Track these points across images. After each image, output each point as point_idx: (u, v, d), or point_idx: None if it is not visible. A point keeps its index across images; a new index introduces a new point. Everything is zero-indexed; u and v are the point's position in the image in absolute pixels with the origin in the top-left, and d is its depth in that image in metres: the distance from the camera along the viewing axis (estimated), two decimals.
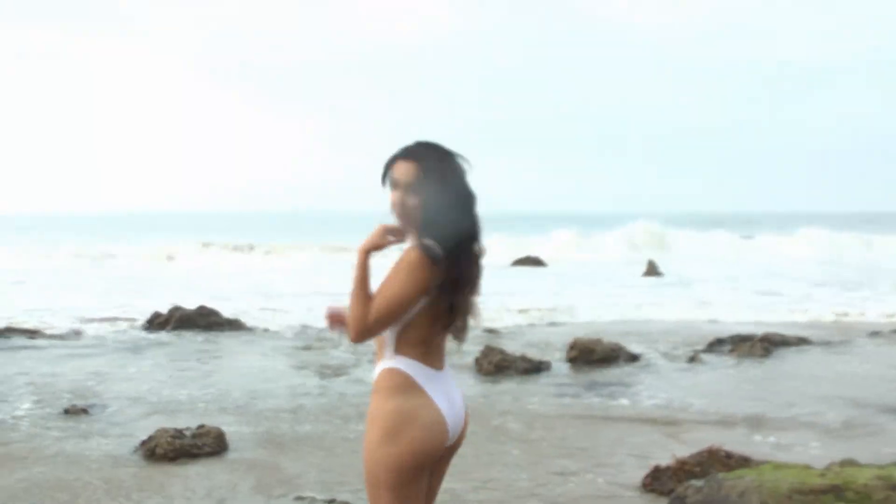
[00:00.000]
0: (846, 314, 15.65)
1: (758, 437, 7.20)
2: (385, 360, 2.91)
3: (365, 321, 2.78)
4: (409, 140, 2.99)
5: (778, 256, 33.41)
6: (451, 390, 2.98)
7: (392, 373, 2.87)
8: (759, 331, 12.66)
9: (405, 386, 2.85)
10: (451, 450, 3.07)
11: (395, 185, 2.90)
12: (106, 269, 25.88)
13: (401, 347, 2.88)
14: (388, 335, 2.89)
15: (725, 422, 7.82)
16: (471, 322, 3.00)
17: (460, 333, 3.00)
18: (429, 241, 2.80)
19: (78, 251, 30.29)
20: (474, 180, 2.96)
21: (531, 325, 14.27)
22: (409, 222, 2.90)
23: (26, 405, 8.21)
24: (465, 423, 3.08)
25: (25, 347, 11.58)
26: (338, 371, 10.09)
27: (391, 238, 2.90)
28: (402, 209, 2.89)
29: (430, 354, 2.92)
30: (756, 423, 7.79)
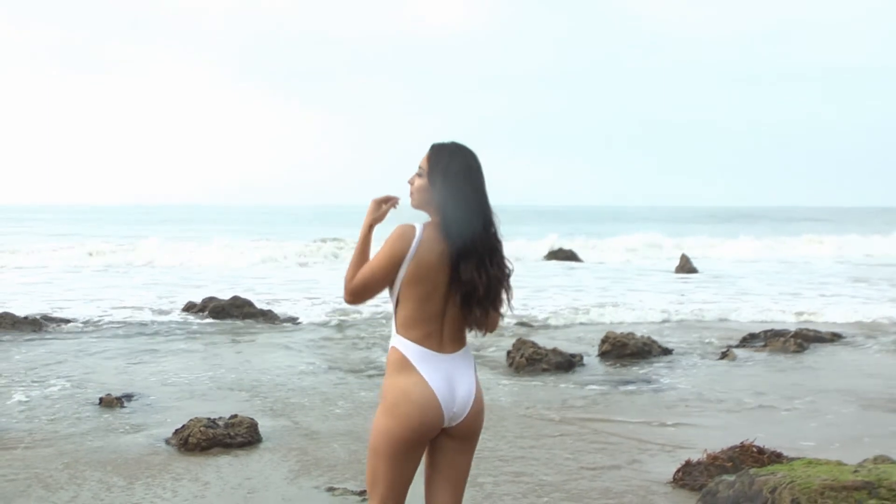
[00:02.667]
0: (878, 313, 15.33)
1: (790, 433, 7.13)
2: (390, 339, 3.18)
3: (349, 281, 3.15)
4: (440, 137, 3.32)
5: (814, 253, 33.02)
6: (456, 374, 3.14)
7: (392, 351, 3.15)
8: (793, 327, 12.56)
9: (401, 365, 3.10)
10: (462, 433, 3.20)
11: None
12: (145, 259, 26.07)
13: (398, 328, 3.15)
14: (393, 314, 3.19)
15: (758, 417, 7.77)
16: (492, 312, 3.19)
17: (476, 322, 3.17)
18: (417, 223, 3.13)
19: (118, 242, 30.61)
20: (503, 175, 3.11)
21: (563, 319, 14.22)
22: (413, 199, 3.24)
23: (61, 394, 8.33)
24: (476, 410, 3.21)
25: (61, 337, 11.74)
26: (368, 363, 10.13)
27: (385, 206, 3.27)
28: (410, 188, 3.24)
29: (431, 337, 3.12)
30: (788, 418, 7.74)
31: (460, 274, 3.06)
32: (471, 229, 3.08)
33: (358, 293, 3.14)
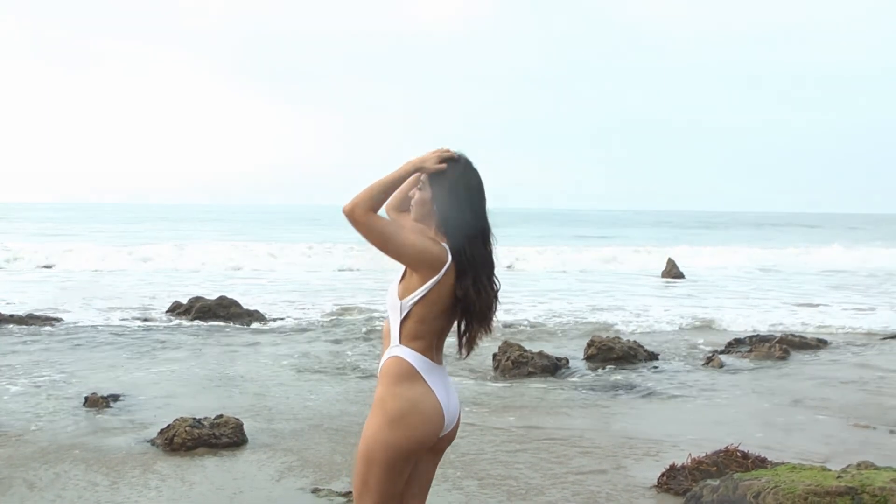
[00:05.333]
0: (865, 321, 15.42)
1: (774, 438, 7.17)
2: (391, 349, 3.10)
3: (362, 206, 2.92)
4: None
5: (800, 260, 33.13)
6: (448, 385, 3.17)
7: (398, 361, 3.06)
8: (779, 333, 12.62)
9: (409, 375, 3.05)
10: (443, 441, 3.21)
11: None
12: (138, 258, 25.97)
13: (405, 339, 3.07)
14: (393, 326, 3.09)
15: (742, 422, 7.80)
16: (482, 333, 3.20)
17: (469, 339, 3.19)
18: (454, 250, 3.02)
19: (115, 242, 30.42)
20: (493, 176, 3.08)
21: (549, 322, 14.25)
22: (413, 213, 3.18)
23: (46, 393, 8.30)
24: (458, 422, 3.25)
25: (47, 336, 11.68)
26: (354, 365, 10.13)
27: (441, 166, 3.07)
28: (413, 200, 3.18)
29: (431, 349, 3.11)
30: (773, 423, 7.77)
31: (460, 290, 3.03)
32: (471, 245, 3.05)
33: (363, 226, 2.91)
